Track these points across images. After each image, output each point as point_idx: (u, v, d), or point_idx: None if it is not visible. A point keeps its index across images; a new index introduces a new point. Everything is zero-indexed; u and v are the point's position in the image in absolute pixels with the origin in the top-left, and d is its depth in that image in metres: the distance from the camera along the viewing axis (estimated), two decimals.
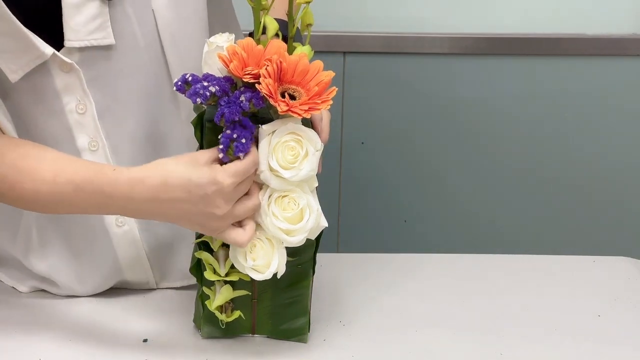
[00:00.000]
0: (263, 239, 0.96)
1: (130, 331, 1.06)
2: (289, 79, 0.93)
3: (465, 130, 1.82)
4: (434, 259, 1.30)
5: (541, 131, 1.83)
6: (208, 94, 0.91)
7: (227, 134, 0.91)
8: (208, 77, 0.93)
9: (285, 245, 0.96)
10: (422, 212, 1.87)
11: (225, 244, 0.99)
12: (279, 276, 0.97)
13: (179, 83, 0.94)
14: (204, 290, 1.01)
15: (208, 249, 1.00)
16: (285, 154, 0.93)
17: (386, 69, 1.78)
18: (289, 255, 0.97)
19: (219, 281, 1.00)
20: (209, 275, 0.99)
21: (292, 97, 0.92)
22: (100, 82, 1.02)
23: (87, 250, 1.11)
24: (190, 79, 0.93)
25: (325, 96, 0.92)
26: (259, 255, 0.96)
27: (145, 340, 1.05)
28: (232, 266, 0.99)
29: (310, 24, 1.00)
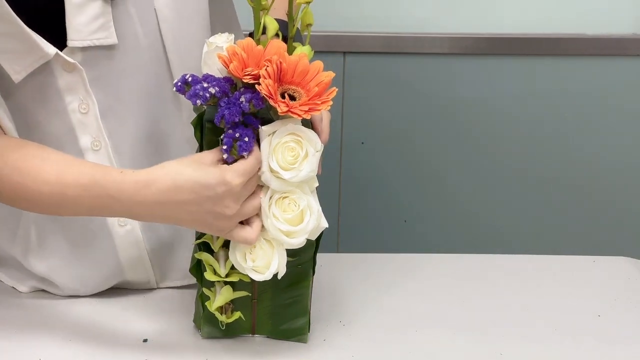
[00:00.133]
0: (262, 239, 0.96)
1: (130, 331, 1.06)
2: (289, 80, 0.93)
3: (465, 130, 1.82)
4: (434, 259, 1.30)
5: (541, 131, 1.83)
6: (208, 95, 0.91)
7: (230, 133, 0.91)
8: (208, 78, 0.93)
9: (286, 247, 0.96)
10: (422, 212, 1.87)
11: (226, 244, 0.99)
12: (279, 277, 0.97)
13: (178, 84, 0.94)
14: (204, 291, 1.01)
15: (208, 249, 1.00)
16: (285, 154, 0.93)
17: (386, 69, 1.78)
18: (289, 255, 0.97)
19: (219, 282, 1.00)
20: (209, 275, 0.99)
21: (292, 98, 0.92)
22: (103, 82, 1.03)
23: (88, 251, 1.11)
24: (190, 79, 0.93)
25: (325, 97, 0.92)
26: (258, 256, 0.96)
27: (145, 340, 1.05)
28: (233, 267, 0.99)
29: (310, 24, 1.00)
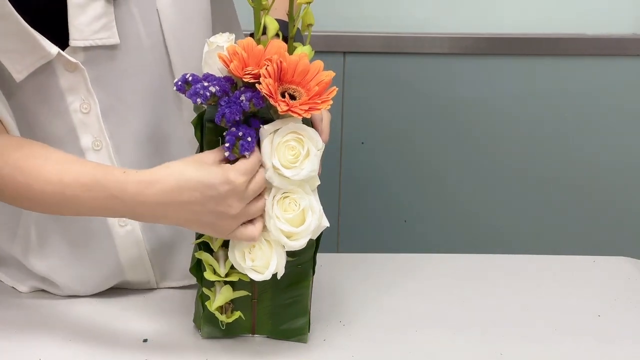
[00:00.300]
0: (262, 239, 0.96)
1: (130, 331, 1.06)
2: (289, 79, 0.93)
3: (465, 130, 1.82)
4: (434, 259, 1.30)
5: (541, 131, 1.83)
6: (208, 94, 0.91)
7: (233, 131, 0.91)
8: (208, 77, 0.93)
9: (287, 250, 0.96)
10: (422, 212, 1.87)
11: (225, 244, 0.99)
12: (278, 277, 0.97)
13: (179, 83, 0.94)
14: (204, 290, 1.01)
15: (208, 249, 1.00)
16: (286, 153, 0.93)
17: (386, 69, 1.78)
18: (289, 255, 0.97)
19: (218, 282, 1.00)
20: (208, 275, 0.99)
21: (293, 97, 0.92)
22: (105, 82, 1.03)
23: (88, 251, 1.11)
24: (190, 78, 0.93)
25: (325, 96, 0.92)
26: (257, 256, 0.96)
27: (145, 340, 1.04)
28: (232, 267, 0.99)
29: (311, 24, 1.00)
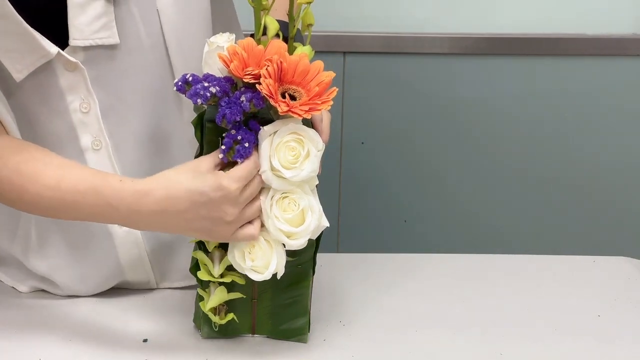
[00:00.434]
0: (262, 239, 0.96)
1: (130, 331, 1.06)
2: (289, 79, 0.93)
3: (465, 130, 1.82)
4: (434, 259, 1.30)
5: (541, 131, 1.83)
6: (208, 95, 0.91)
7: (232, 134, 0.91)
8: (208, 78, 0.93)
9: (287, 249, 0.96)
10: (422, 212, 1.87)
11: (222, 245, 0.99)
12: (278, 277, 0.97)
13: (179, 83, 0.94)
14: (199, 291, 1.01)
15: (204, 249, 1.00)
16: (286, 154, 0.93)
17: (386, 69, 1.78)
18: (288, 255, 0.97)
19: (213, 283, 1.00)
20: (202, 275, 0.99)
21: (293, 98, 0.92)
22: (104, 82, 1.03)
23: (88, 251, 1.11)
24: (190, 79, 0.93)
25: (325, 96, 0.92)
26: (257, 256, 0.96)
27: (145, 340, 1.04)
28: (227, 268, 0.99)
29: (311, 24, 1.00)
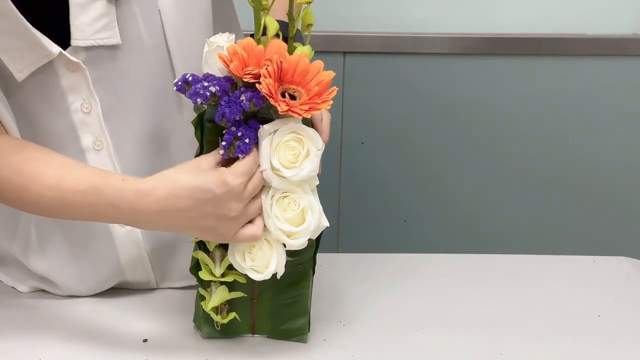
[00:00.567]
0: (262, 239, 0.96)
1: (130, 331, 1.06)
2: (289, 79, 0.93)
3: (465, 130, 1.82)
4: (434, 259, 1.30)
5: (541, 131, 1.83)
6: (208, 94, 0.91)
7: (232, 131, 0.91)
8: (208, 77, 0.93)
9: (288, 248, 0.96)
10: (422, 212, 1.87)
11: (222, 245, 0.99)
12: (278, 276, 0.97)
13: (179, 83, 0.94)
14: (200, 290, 1.01)
15: (205, 249, 1.00)
16: (286, 153, 0.93)
17: (386, 69, 1.78)
18: (288, 255, 0.97)
19: (214, 282, 1.00)
20: (204, 275, 0.99)
21: (293, 97, 0.92)
22: (106, 82, 1.03)
23: (88, 251, 1.11)
24: (190, 79, 0.93)
25: (325, 96, 0.92)
26: (257, 255, 0.96)
27: (145, 340, 1.04)
28: (228, 267, 0.99)
29: (311, 24, 1.00)
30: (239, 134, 0.91)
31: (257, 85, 0.91)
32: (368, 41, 1.76)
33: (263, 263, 0.96)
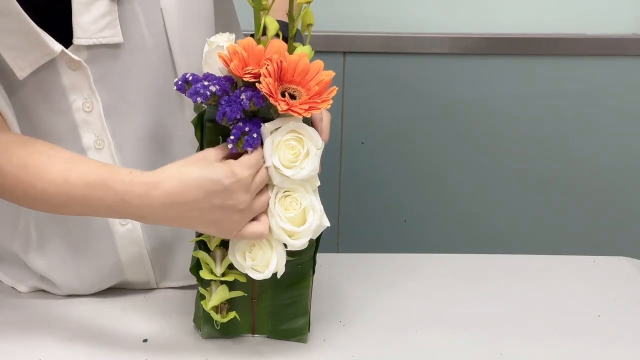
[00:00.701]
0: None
1: (130, 331, 1.06)
2: (289, 79, 0.93)
3: (465, 130, 1.82)
4: (434, 259, 1.30)
5: (541, 131, 1.83)
6: (208, 94, 0.91)
7: (240, 126, 0.92)
8: (208, 77, 0.93)
9: (289, 249, 0.96)
10: (422, 212, 1.87)
11: (223, 244, 0.99)
12: (279, 276, 0.97)
13: (179, 82, 0.94)
14: (200, 290, 1.01)
15: (206, 248, 1.00)
16: (286, 152, 0.93)
17: (386, 69, 1.78)
18: (289, 255, 0.97)
19: (215, 281, 1.00)
20: (205, 274, 0.99)
21: (293, 97, 0.92)
22: (107, 81, 1.03)
23: (88, 249, 1.11)
24: (190, 78, 0.93)
25: (325, 96, 0.92)
26: (257, 255, 0.96)
27: (145, 340, 1.04)
28: (229, 266, 0.99)
29: (311, 24, 1.00)
30: (247, 129, 0.91)
31: (257, 84, 0.91)
32: (368, 41, 1.76)
33: (263, 262, 0.96)
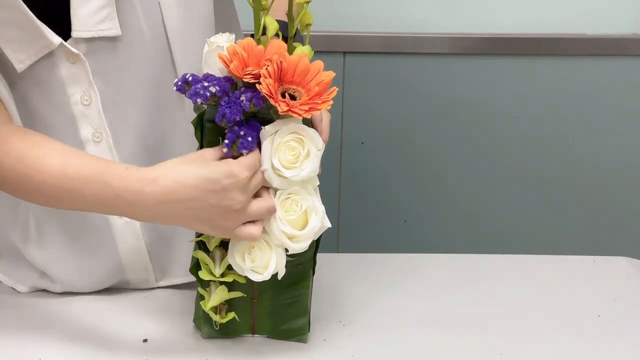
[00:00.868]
0: (262, 240, 0.96)
1: (130, 331, 1.06)
2: (289, 79, 0.93)
3: (465, 130, 1.82)
4: (434, 259, 1.30)
5: (541, 131, 1.83)
6: (208, 94, 0.91)
7: (235, 130, 0.91)
8: (208, 77, 0.93)
9: (290, 253, 0.96)
10: (422, 212, 1.87)
11: (223, 244, 0.99)
12: (279, 277, 0.97)
13: (179, 83, 0.94)
14: (200, 290, 1.01)
15: (205, 249, 1.00)
16: (286, 154, 0.93)
17: (386, 69, 1.78)
18: (288, 255, 0.97)
19: (214, 282, 1.00)
20: (204, 275, 0.99)
21: (293, 97, 0.92)
22: (106, 74, 1.03)
23: (86, 242, 1.10)
24: (190, 79, 0.93)
25: (325, 96, 0.92)
26: (257, 256, 0.96)
27: (145, 340, 1.04)
28: (228, 267, 0.99)
29: (310, 24, 1.00)
30: (242, 132, 0.91)
31: (257, 85, 0.91)
32: (368, 41, 1.76)
33: (262, 264, 0.96)
